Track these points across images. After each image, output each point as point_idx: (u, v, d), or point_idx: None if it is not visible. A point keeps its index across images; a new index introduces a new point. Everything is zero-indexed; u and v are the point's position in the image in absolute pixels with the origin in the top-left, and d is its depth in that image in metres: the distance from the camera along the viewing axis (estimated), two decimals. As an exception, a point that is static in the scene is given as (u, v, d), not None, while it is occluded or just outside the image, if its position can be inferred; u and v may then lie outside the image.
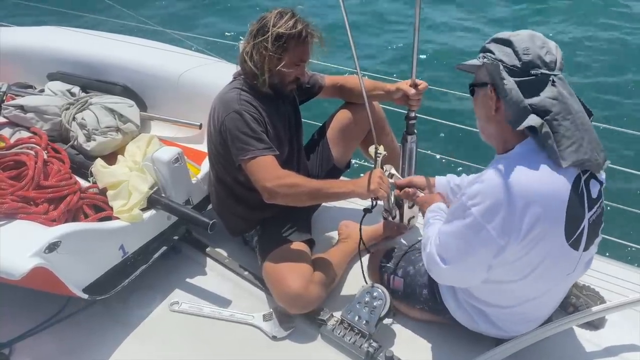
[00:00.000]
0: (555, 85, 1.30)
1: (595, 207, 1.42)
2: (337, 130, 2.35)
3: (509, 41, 1.33)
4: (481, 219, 1.34)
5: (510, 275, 1.46)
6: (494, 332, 1.66)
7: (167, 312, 2.00)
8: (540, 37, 1.34)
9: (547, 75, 1.30)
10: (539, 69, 1.30)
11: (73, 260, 1.72)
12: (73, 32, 3.32)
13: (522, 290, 1.51)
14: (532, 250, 1.36)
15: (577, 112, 1.33)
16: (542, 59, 1.30)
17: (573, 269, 1.47)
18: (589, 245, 1.44)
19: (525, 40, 1.32)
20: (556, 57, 1.32)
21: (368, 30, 7.09)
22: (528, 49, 1.30)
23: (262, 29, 1.85)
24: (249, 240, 2.19)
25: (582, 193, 1.37)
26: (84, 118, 2.56)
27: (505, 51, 1.33)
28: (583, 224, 1.39)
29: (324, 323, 1.87)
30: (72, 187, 1.99)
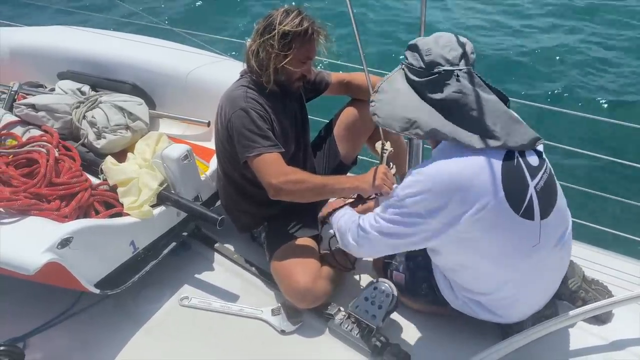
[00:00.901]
0: (459, 80, 1.40)
1: (540, 173, 1.47)
2: (343, 127, 2.36)
3: (415, 45, 1.46)
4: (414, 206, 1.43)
5: (476, 256, 1.51)
6: (494, 318, 1.68)
7: (177, 307, 2.03)
8: (445, 37, 1.45)
9: (450, 71, 1.40)
10: (441, 66, 1.41)
11: (85, 255, 1.75)
12: (82, 32, 3.36)
13: (495, 270, 1.55)
14: (482, 228, 1.41)
15: (487, 102, 1.42)
16: (444, 57, 1.40)
17: (537, 240, 1.48)
18: (546, 213, 1.48)
19: (428, 43, 1.44)
20: (461, 52, 1.41)
21: (374, 26, 7.08)
22: (430, 49, 1.42)
23: (269, 27, 1.87)
24: (257, 236, 2.21)
25: (518, 165, 1.43)
26: (94, 116, 2.60)
27: (414, 55, 1.47)
28: (529, 192, 1.43)
29: (331, 317, 1.89)
30: (83, 184, 2.03)
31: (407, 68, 1.50)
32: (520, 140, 1.44)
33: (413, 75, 1.47)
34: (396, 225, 1.51)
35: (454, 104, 1.42)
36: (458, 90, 1.40)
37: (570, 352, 1.77)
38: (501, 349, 1.65)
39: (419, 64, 1.45)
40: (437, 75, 1.42)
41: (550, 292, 1.69)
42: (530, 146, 1.46)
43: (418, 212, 1.44)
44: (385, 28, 7.09)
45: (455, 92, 1.40)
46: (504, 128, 1.42)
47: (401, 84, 1.51)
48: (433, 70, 1.42)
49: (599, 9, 7.17)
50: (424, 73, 1.44)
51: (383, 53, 6.35)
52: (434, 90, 1.43)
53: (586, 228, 2.19)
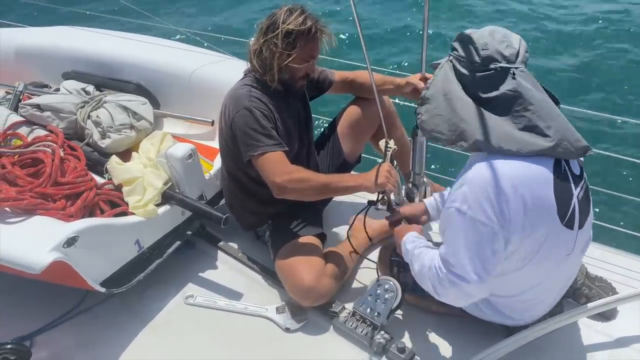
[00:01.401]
0: (515, 78, 1.34)
1: (581, 183, 1.44)
2: (347, 125, 2.36)
3: (470, 38, 1.38)
4: (479, 216, 1.35)
5: (513, 264, 1.46)
6: (503, 320, 1.67)
7: (182, 305, 2.04)
8: (501, 32, 1.38)
9: (506, 68, 1.34)
10: (498, 62, 1.34)
11: (90, 254, 1.76)
12: (87, 32, 3.37)
13: (526, 277, 1.51)
14: (531, 235, 1.38)
15: (540, 102, 1.36)
16: (501, 53, 1.34)
17: (572, 249, 1.48)
18: (582, 222, 1.46)
19: (484, 36, 1.36)
20: (517, 50, 1.35)
21: (377, 24, 7.08)
22: (487, 44, 1.35)
23: (272, 25, 1.87)
24: (261, 234, 2.22)
25: (565, 172, 1.40)
26: (99, 116, 2.61)
27: (466, 48, 1.39)
28: (573, 201, 1.41)
29: (336, 315, 1.90)
30: (89, 183, 2.04)
31: (458, 60, 1.42)
32: (572, 147, 1.38)
33: (464, 69, 1.40)
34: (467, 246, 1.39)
35: (507, 103, 1.35)
36: (513, 88, 1.34)
37: (575, 348, 1.77)
38: (506, 346, 1.65)
39: (472, 58, 1.37)
40: (492, 71, 1.35)
41: (560, 296, 1.69)
42: (581, 154, 1.40)
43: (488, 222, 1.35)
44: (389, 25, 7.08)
45: (510, 91, 1.34)
46: (558, 131, 1.36)
47: (450, 82, 1.43)
48: (489, 66, 1.35)
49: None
50: (479, 68, 1.36)
51: (387, 51, 6.34)
52: (487, 87, 1.36)
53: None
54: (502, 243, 1.37)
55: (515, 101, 1.34)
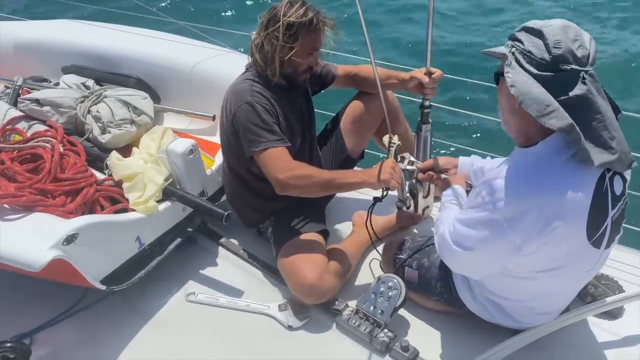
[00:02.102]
0: (585, 83, 1.22)
1: (619, 204, 1.37)
2: (350, 120, 2.34)
3: (540, 32, 1.24)
4: (499, 216, 1.31)
5: (529, 271, 1.44)
6: (511, 323, 1.65)
7: (184, 303, 2.02)
8: (574, 29, 1.25)
9: (577, 71, 1.22)
10: (570, 64, 1.21)
11: (90, 251, 1.74)
12: (86, 25, 3.33)
13: (541, 286, 1.49)
14: (552, 249, 1.33)
15: (605, 112, 1.26)
16: (573, 53, 1.21)
17: (593, 267, 1.45)
18: (610, 243, 1.41)
19: (557, 32, 1.22)
20: (589, 52, 1.23)
21: (382, 18, 7.03)
22: (560, 42, 1.21)
23: (273, 19, 1.85)
24: (264, 231, 2.20)
25: (606, 192, 1.32)
26: (99, 111, 2.58)
27: (535, 42, 1.25)
28: (606, 222, 1.35)
29: (339, 313, 1.88)
30: (88, 179, 2.01)
31: (523, 55, 1.27)
32: (626, 159, 1.29)
33: (529, 65, 1.25)
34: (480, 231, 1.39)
35: (575, 109, 1.23)
36: (583, 95, 1.22)
37: (581, 347, 1.76)
38: (511, 344, 1.63)
39: (542, 54, 1.23)
40: (562, 72, 1.22)
41: (572, 300, 1.66)
42: (627, 167, 1.32)
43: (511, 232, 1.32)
44: (394, 17, 7.04)
45: (580, 96, 1.22)
46: (619, 143, 1.27)
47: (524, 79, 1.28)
48: (559, 67, 1.22)
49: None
50: (547, 67, 1.23)
51: (390, 45, 6.30)
52: (554, 89, 1.23)
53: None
54: (511, 246, 1.34)
55: (585, 108, 1.23)
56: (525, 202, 1.28)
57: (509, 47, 1.31)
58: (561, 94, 1.23)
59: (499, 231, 1.33)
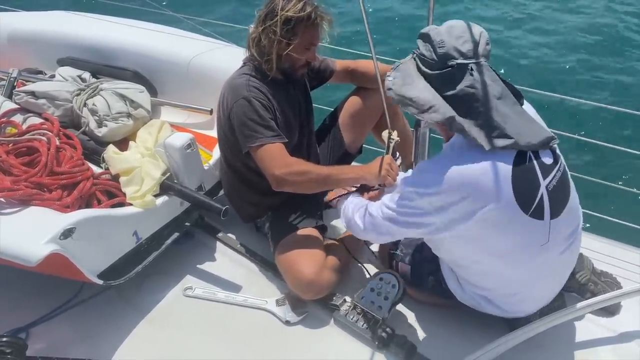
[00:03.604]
0: (472, 74, 1.33)
1: (553, 172, 1.42)
2: (348, 116, 2.33)
3: (428, 35, 1.38)
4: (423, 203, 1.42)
5: (483, 253, 1.49)
6: (500, 312, 1.67)
7: (181, 297, 2.01)
8: (459, 27, 1.37)
9: (464, 64, 1.33)
10: (455, 59, 1.34)
11: (88, 246, 1.73)
12: (82, 17, 3.30)
13: (503, 269, 1.52)
14: (489, 229, 1.39)
15: (498, 98, 1.36)
16: (457, 49, 1.33)
17: (546, 239, 1.45)
18: (557, 212, 1.44)
19: (441, 33, 1.36)
20: (476, 44, 1.34)
21: (382, 14, 7.00)
22: (443, 41, 1.35)
23: (271, 13, 1.83)
24: (261, 226, 2.19)
25: (530, 164, 1.38)
26: (95, 104, 2.56)
27: (425, 46, 1.40)
28: (540, 192, 1.39)
29: (336, 308, 1.88)
30: (85, 173, 2.00)
31: (419, 59, 1.43)
32: (533, 140, 1.38)
33: (425, 67, 1.41)
34: (403, 217, 1.50)
35: (465, 100, 1.35)
36: (470, 85, 1.34)
37: (579, 343, 1.76)
38: (509, 340, 1.63)
39: (431, 55, 1.38)
40: (450, 69, 1.35)
41: (557, 288, 1.67)
42: (543, 146, 1.41)
43: (425, 207, 1.43)
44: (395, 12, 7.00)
45: (467, 87, 1.34)
46: (515, 127, 1.36)
47: (414, 74, 1.44)
48: (446, 64, 1.35)
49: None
50: (436, 65, 1.37)
51: (392, 39, 6.27)
52: (446, 85, 1.37)
53: (596, 219, 2.17)
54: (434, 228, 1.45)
55: (473, 97, 1.34)
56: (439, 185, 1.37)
57: (412, 54, 1.48)
58: (451, 88, 1.36)
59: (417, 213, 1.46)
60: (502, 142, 1.35)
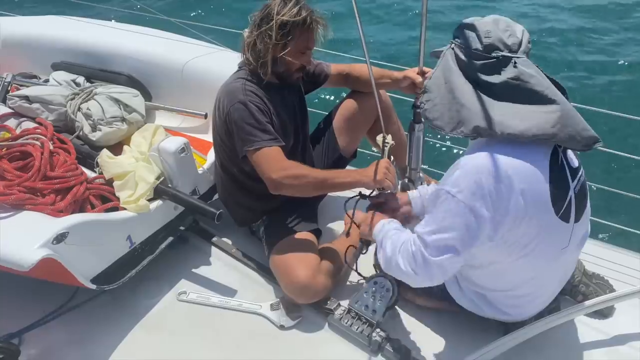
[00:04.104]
0: (516, 67, 1.32)
1: (578, 176, 1.43)
2: (343, 119, 2.33)
3: (473, 25, 1.37)
4: (470, 202, 1.34)
5: (507, 255, 1.45)
6: (500, 316, 1.66)
7: (175, 302, 2.00)
8: (504, 21, 1.37)
9: (508, 57, 1.32)
10: (500, 51, 1.33)
11: (81, 251, 1.73)
12: (77, 22, 3.30)
13: (522, 269, 1.50)
14: (524, 226, 1.36)
15: (544, 89, 1.33)
16: (503, 41, 1.32)
17: (567, 243, 1.46)
18: (579, 216, 1.44)
19: (488, 24, 1.35)
20: (520, 40, 1.34)
21: (375, 16, 7.03)
22: (489, 32, 1.33)
23: (266, 17, 1.83)
24: (256, 230, 2.19)
25: (562, 164, 1.38)
26: (89, 108, 2.56)
27: (469, 35, 1.37)
28: (569, 194, 1.39)
29: (331, 312, 1.87)
30: (79, 177, 1.99)
31: (460, 48, 1.40)
32: (578, 135, 1.34)
33: (466, 57, 1.38)
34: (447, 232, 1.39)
35: (508, 90, 1.33)
36: (515, 77, 1.32)
37: (572, 346, 1.77)
38: (503, 343, 1.63)
39: (475, 45, 1.35)
40: (494, 60, 1.33)
41: (558, 290, 1.67)
42: (589, 144, 1.36)
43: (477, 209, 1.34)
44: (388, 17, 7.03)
45: (511, 79, 1.32)
46: (560, 118, 1.32)
47: (451, 70, 1.41)
48: (491, 54, 1.33)
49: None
50: (480, 56, 1.35)
51: (385, 43, 6.29)
52: (488, 73, 1.35)
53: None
54: (487, 229, 1.36)
55: (517, 88, 1.33)
56: (484, 180, 1.31)
57: (449, 44, 1.44)
58: (493, 76, 1.34)
59: (469, 216, 1.35)
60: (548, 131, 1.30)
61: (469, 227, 1.37)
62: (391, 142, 2.00)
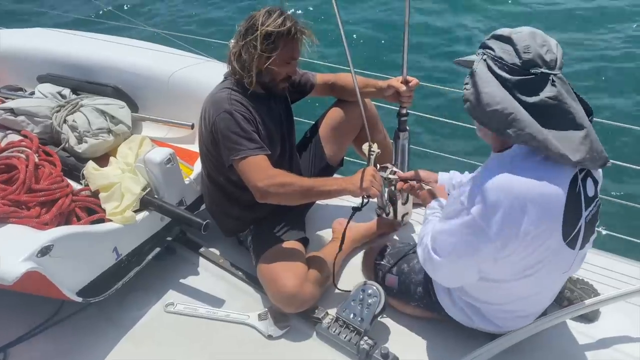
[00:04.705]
0: (555, 85, 1.27)
1: (592, 205, 1.40)
2: (329, 128, 2.34)
3: (510, 38, 1.30)
4: (480, 219, 1.33)
5: (508, 274, 1.45)
6: (490, 328, 1.67)
7: (162, 313, 1.99)
8: (541, 35, 1.30)
9: (547, 74, 1.27)
10: (539, 67, 1.27)
11: (66, 263, 1.71)
12: (62, 34, 3.30)
13: (519, 288, 1.50)
14: (531, 250, 1.35)
15: (576, 112, 1.30)
16: (542, 57, 1.27)
17: (569, 268, 1.47)
18: (584, 243, 1.43)
19: (526, 38, 1.28)
20: (556, 56, 1.29)
21: (360, 26, 7.07)
22: (529, 47, 1.27)
23: (251, 28, 1.85)
24: (243, 240, 2.18)
25: (579, 192, 1.35)
26: (75, 120, 2.55)
27: (505, 48, 1.30)
28: (580, 222, 1.37)
29: (319, 321, 1.87)
30: (64, 190, 1.99)
31: (494, 61, 1.31)
32: (598, 157, 1.32)
33: (501, 71, 1.30)
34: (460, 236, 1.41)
35: (546, 111, 1.27)
36: (553, 96, 1.26)
37: (558, 351, 1.77)
38: (490, 349, 1.64)
39: (512, 59, 1.28)
40: (533, 76, 1.27)
41: (549, 304, 1.68)
42: (603, 164, 1.34)
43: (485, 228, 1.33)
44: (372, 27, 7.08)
45: (549, 98, 1.26)
46: (591, 142, 1.30)
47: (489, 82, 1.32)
48: (529, 70, 1.27)
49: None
50: (518, 71, 1.28)
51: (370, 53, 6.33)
52: (526, 92, 1.28)
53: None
54: (493, 249, 1.35)
55: (553, 109, 1.28)
56: (500, 200, 1.29)
57: (480, 55, 1.36)
58: (533, 96, 1.27)
59: (477, 232, 1.35)
60: (578, 156, 1.28)
61: (470, 242, 1.38)
62: (377, 150, 2.01)
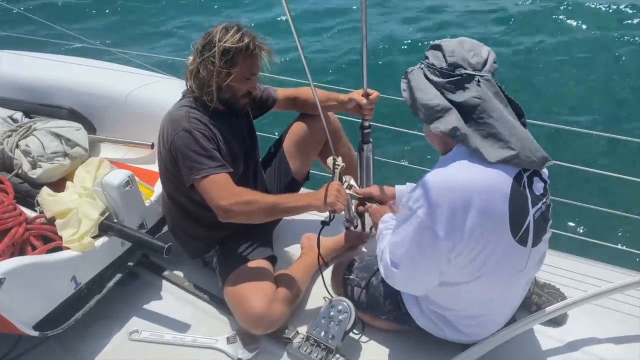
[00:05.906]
0: (480, 86, 1.37)
1: (540, 203, 1.45)
2: (293, 143, 2.32)
3: (440, 46, 1.42)
4: (426, 219, 1.37)
5: (464, 275, 1.46)
6: (459, 337, 1.66)
7: (127, 342, 1.92)
8: (469, 42, 1.42)
9: (472, 75, 1.37)
10: (464, 69, 1.37)
11: (20, 296, 1.63)
12: (12, 55, 3.19)
13: (477, 290, 1.51)
14: (480, 247, 1.38)
15: (502, 112, 1.38)
16: (467, 60, 1.37)
17: (524, 266, 1.48)
18: (536, 241, 1.47)
19: (453, 45, 1.40)
20: (484, 59, 1.38)
21: (317, 39, 7.11)
22: (453, 51, 1.39)
23: (208, 44, 1.81)
24: (209, 261, 2.13)
25: (524, 189, 1.40)
26: (28, 145, 2.46)
27: (436, 55, 1.42)
28: (528, 219, 1.41)
29: (289, 341, 1.83)
30: (17, 218, 1.89)
31: (427, 68, 1.44)
32: (533, 156, 1.39)
33: (433, 76, 1.42)
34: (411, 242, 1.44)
35: (471, 109, 1.37)
36: (477, 95, 1.36)
37: (529, 356, 1.78)
38: (463, 359, 1.63)
39: (440, 64, 1.40)
40: (458, 77, 1.38)
41: (514, 312, 1.69)
42: (540, 165, 1.42)
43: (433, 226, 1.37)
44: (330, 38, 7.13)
45: (474, 97, 1.36)
46: (519, 140, 1.38)
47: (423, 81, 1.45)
48: (454, 72, 1.38)
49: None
50: (445, 74, 1.39)
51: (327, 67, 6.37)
52: (453, 91, 1.39)
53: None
54: (445, 247, 1.38)
55: (478, 108, 1.37)
56: (443, 196, 1.35)
57: (419, 65, 1.49)
58: (458, 96, 1.38)
59: (426, 233, 1.39)
60: (506, 153, 1.36)
61: (422, 244, 1.41)
62: (341, 164, 2.00)
